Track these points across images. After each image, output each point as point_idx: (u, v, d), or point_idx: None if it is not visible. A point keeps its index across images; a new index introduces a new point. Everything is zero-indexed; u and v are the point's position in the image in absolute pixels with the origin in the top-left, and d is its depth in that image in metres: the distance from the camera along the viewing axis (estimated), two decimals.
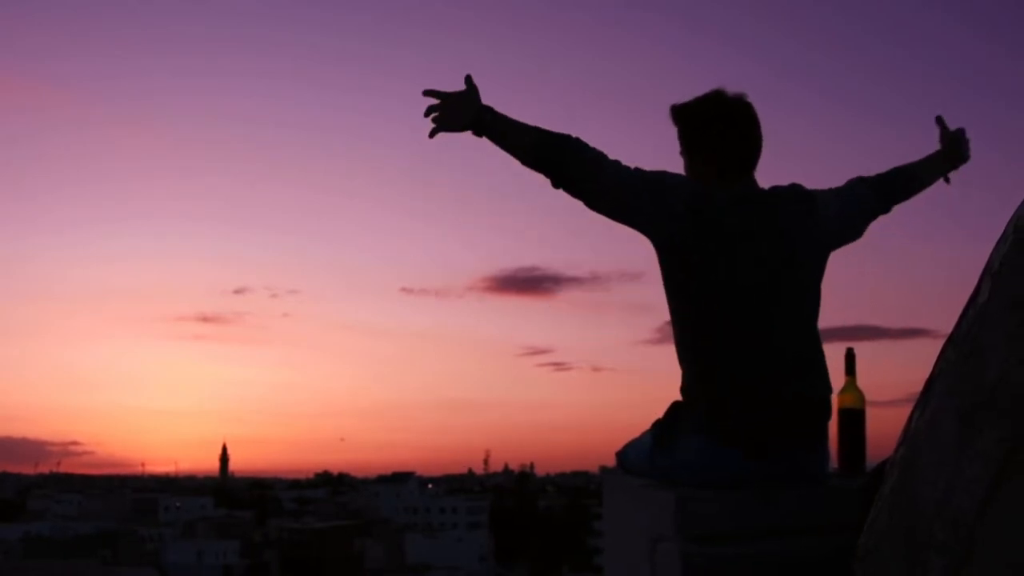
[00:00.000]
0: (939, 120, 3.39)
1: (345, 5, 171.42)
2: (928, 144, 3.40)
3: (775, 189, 3.02)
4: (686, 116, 3.06)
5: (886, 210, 3.24)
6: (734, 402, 2.84)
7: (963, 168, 3.38)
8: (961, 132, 3.37)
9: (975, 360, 1.91)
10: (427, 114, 2.92)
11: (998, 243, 1.98)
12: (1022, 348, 1.80)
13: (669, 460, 2.96)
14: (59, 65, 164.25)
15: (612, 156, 2.89)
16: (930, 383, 2.08)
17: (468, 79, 2.90)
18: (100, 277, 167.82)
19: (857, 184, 3.19)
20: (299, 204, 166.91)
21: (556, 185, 2.88)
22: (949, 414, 1.95)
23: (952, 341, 2.03)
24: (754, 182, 3.00)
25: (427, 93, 2.92)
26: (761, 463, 2.85)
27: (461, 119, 2.89)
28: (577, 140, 2.87)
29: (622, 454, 3.27)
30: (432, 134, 2.92)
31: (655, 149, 3.12)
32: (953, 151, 3.36)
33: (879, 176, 3.25)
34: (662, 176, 2.91)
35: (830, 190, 3.12)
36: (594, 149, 2.88)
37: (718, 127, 2.99)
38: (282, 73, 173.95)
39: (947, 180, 3.37)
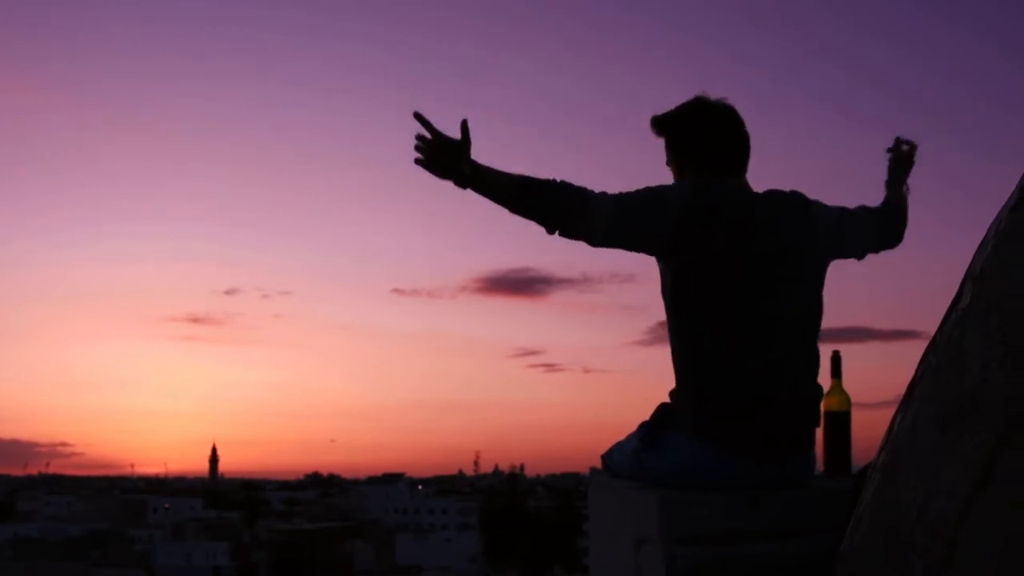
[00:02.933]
0: (895, 143, 3.34)
1: (340, 10, 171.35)
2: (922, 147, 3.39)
3: (771, 191, 3.03)
4: (671, 123, 3.07)
5: (884, 243, 3.27)
6: (728, 403, 2.84)
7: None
8: (907, 148, 3.34)
9: (956, 365, 1.91)
10: (416, 149, 2.86)
11: (979, 247, 1.98)
12: (1002, 353, 1.80)
13: (655, 462, 2.96)
14: (57, 67, 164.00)
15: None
16: (912, 387, 2.08)
17: (463, 127, 2.83)
18: (90, 278, 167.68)
19: (861, 208, 3.22)
20: (291, 205, 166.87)
21: (550, 231, 2.85)
22: (930, 419, 1.96)
23: (934, 345, 2.04)
24: (747, 183, 3.01)
25: (417, 117, 2.85)
26: (749, 466, 2.85)
27: (444, 170, 2.85)
28: (561, 183, 2.83)
29: (607, 456, 3.27)
30: (417, 163, 2.88)
31: (648, 158, 3.11)
32: (897, 168, 3.34)
33: (877, 208, 3.27)
34: (649, 189, 2.89)
35: (834, 205, 3.12)
36: (578, 187, 2.84)
37: (704, 127, 3.01)
38: (275, 75, 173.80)
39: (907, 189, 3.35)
